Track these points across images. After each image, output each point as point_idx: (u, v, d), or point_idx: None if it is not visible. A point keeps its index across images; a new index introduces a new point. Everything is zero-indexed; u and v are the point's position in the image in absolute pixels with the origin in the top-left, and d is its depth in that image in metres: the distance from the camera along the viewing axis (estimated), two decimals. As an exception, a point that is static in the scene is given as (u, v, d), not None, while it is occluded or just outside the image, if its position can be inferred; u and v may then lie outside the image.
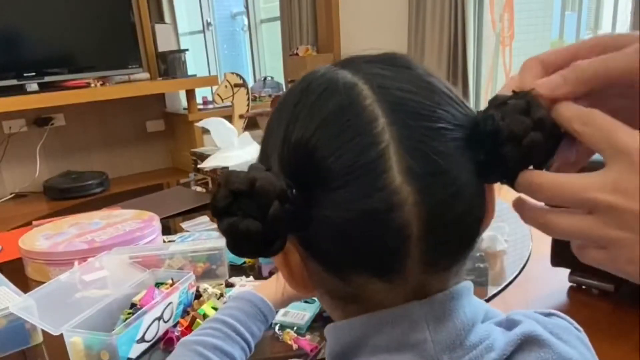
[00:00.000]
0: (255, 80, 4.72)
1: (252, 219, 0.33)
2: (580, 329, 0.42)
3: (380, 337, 0.36)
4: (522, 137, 0.33)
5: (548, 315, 0.42)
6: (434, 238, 0.34)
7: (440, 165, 0.33)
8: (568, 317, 0.42)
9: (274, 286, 0.74)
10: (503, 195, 0.46)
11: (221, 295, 1.00)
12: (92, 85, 3.28)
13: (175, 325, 0.91)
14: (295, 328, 0.88)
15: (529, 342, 0.37)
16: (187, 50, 3.80)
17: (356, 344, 0.38)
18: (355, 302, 0.38)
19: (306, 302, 0.92)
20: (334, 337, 0.40)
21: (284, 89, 4.26)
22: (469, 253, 0.38)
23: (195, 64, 4.70)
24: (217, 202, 0.34)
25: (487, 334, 0.37)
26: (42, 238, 1.23)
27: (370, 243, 0.34)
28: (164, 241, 1.31)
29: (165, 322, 0.89)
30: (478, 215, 0.36)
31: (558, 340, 0.38)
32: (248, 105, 2.07)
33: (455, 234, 0.35)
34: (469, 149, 0.35)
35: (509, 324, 0.40)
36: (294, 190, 0.34)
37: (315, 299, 0.92)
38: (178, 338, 0.86)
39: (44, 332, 0.90)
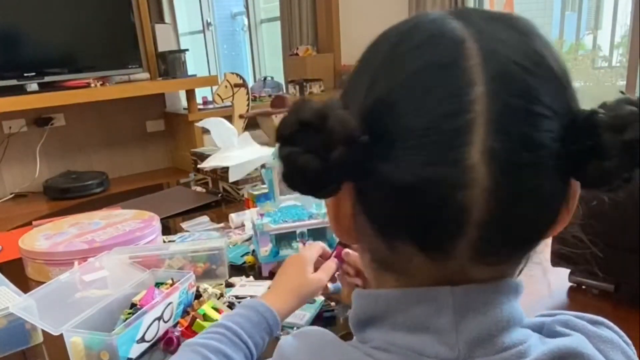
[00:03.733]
0: (255, 80, 4.73)
1: (313, 155, 0.31)
2: (629, 342, 0.39)
3: (402, 315, 0.35)
4: (626, 128, 0.30)
5: (595, 323, 0.39)
6: (495, 231, 0.31)
7: (527, 155, 0.30)
8: (616, 328, 0.39)
9: (281, 295, 0.75)
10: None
11: (221, 295, 1.00)
12: (92, 85, 3.28)
13: (175, 325, 0.90)
14: (295, 328, 0.88)
15: (570, 356, 0.34)
16: (187, 50, 3.80)
17: (378, 316, 0.36)
18: (392, 270, 0.36)
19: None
20: (358, 304, 0.38)
21: (284, 89, 4.26)
22: (527, 254, 0.36)
23: (195, 64, 4.70)
24: (283, 128, 0.32)
25: (524, 339, 0.34)
26: (42, 238, 1.23)
27: (426, 215, 0.31)
28: (164, 241, 1.31)
29: (165, 322, 0.88)
30: (550, 218, 0.34)
31: (602, 357, 0.36)
32: (248, 105, 2.07)
33: (519, 232, 0.32)
34: (563, 143, 0.31)
35: (550, 333, 0.37)
36: (364, 137, 0.31)
37: (316, 299, 0.92)
38: (178, 338, 0.87)
39: (44, 332, 0.90)
